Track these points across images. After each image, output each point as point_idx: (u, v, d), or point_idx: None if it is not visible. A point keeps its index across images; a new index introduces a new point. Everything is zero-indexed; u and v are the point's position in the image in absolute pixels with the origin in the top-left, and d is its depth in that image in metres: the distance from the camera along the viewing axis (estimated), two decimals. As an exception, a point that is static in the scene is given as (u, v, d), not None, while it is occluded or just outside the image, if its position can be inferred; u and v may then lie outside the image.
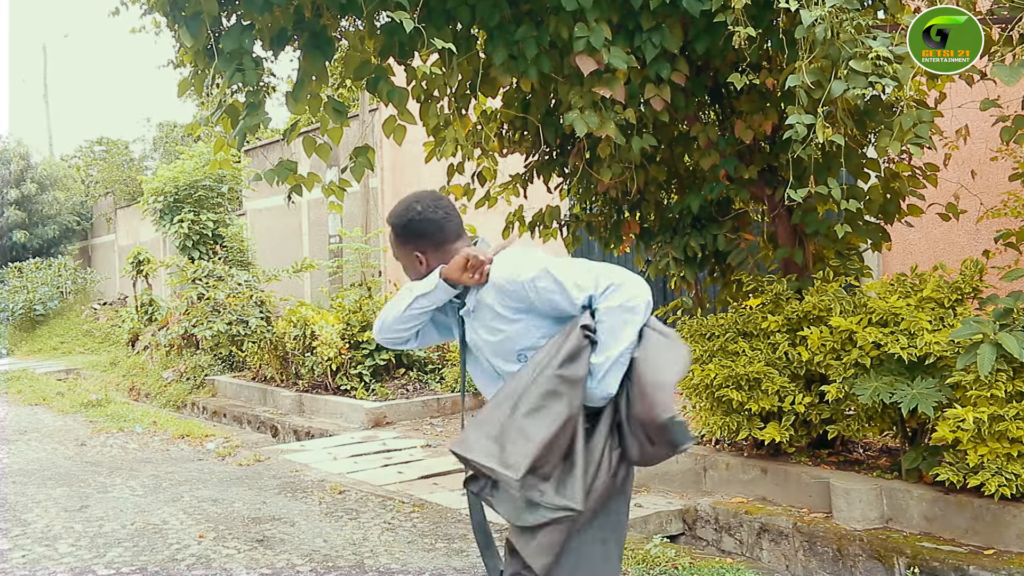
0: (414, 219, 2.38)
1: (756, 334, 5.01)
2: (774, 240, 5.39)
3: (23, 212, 22.71)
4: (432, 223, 2.36)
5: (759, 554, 4.68)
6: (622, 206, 5.99)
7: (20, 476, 6.51)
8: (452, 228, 2.39)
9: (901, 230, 5.76)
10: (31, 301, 19.42)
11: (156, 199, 13.96)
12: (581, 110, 4.40)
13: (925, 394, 4.13)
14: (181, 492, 5.89)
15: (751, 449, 5.22)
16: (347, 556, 4.48)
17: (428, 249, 2.37)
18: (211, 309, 10.95)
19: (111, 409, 9.69)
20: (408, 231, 2.39)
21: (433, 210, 2.37)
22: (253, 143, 15.59)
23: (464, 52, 4.99)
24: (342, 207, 5.69)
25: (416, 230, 2.37)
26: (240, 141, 4.76)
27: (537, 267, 2.19)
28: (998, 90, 4.37)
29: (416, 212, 2.38)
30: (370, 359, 9.17)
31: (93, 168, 26.35)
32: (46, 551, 4.68)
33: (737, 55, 4.35)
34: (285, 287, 12.34)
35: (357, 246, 10.62)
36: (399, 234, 2.41)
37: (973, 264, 4.56)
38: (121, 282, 19.76)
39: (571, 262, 2.23)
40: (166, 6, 4.58)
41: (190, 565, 4.39)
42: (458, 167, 5.93)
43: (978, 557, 3.89)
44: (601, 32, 4.15)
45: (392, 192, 12.96)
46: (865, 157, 5.16)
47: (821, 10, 3.70)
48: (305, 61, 4.80)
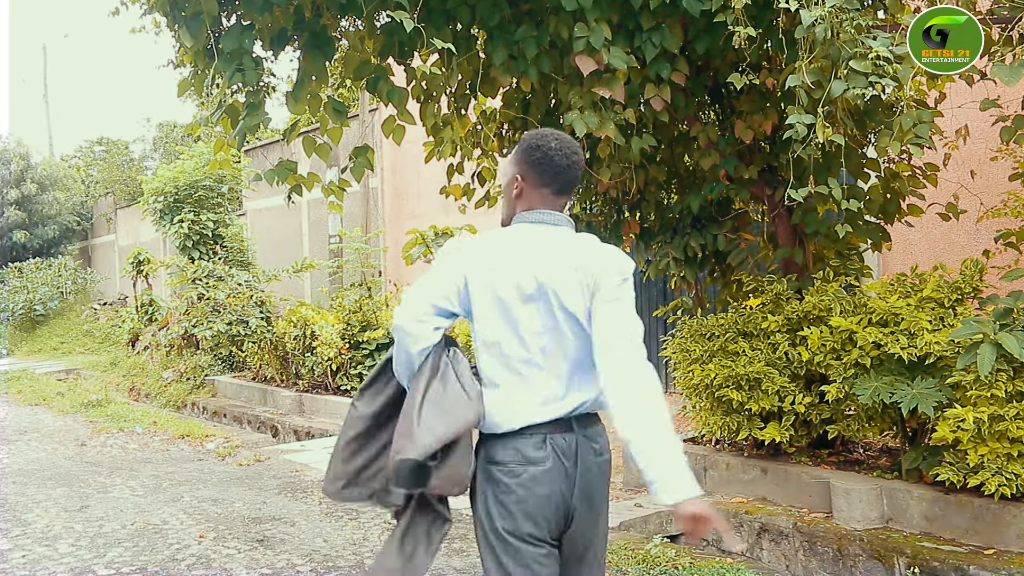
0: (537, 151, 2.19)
1: (756, 334, 5.01)
2: (774, 240, 5.39)
3: (23, 212, 22.72)
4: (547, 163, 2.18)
5: (759, 554, 4.68)
6: (622, 206, 5.99)
7: (20, 476, 6.51)
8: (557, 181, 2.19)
9: (901, 230, 5.76)
10: (31, 301, 19.43)
11: (156, 199, 13.96)
12: (581, 110, 4.40)
13: (925, 394, 4.13)
14: (181, 492, 5.89)
15: (751, 449, 5.22)
16: (347, 556, 4.48)
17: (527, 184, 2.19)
18: (211, 309, 10.96)
19: (111, 409, 9.70)
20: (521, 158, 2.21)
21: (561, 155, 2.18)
22: (253, 143, 15.59)
23: (464, 52, 4.99)
24: (342, 207, 5.69)
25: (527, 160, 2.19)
26: (240, 141, 4.76)
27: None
28: (998, 90, 4.37)
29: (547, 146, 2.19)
30: (370, 359, 9.17)
31: (93, 168, 26.37)
32: (46, 551, 4.68)
33: (737, 55, 4.35)
34: (285, 287, 12.35)
35: (357, 246, 10.62)
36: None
37: (973, 264, 4.56)
38: (121, 282, 19.76)
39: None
40: (166, 6, 4.58)
41: (190, 565, 4.40)
42: (457, 167, 5.93)
43: (978, 557, 3.89)
44: (601, 32, 4.15)
45: (392, 192, 12.96)
46: (865, 157, 5.16)
47: (821, 10, 3.70)
48: (305, 61, 4.80)
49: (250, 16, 4.59)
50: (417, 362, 2.09)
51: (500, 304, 2.09)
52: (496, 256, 2.12)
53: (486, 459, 2.12)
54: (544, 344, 2.10)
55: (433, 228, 8.97)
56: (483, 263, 2.10)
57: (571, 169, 2.19)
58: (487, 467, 2.11)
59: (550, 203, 2.19)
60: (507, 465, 2.08)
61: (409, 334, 2.06)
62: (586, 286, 2.11)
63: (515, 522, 2.07)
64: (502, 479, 2.08)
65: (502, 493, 2.08)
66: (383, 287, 11.45)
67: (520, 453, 2.07)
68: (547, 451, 2.07)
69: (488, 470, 2.11)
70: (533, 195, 2.19)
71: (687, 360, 5.19)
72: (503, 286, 2.09)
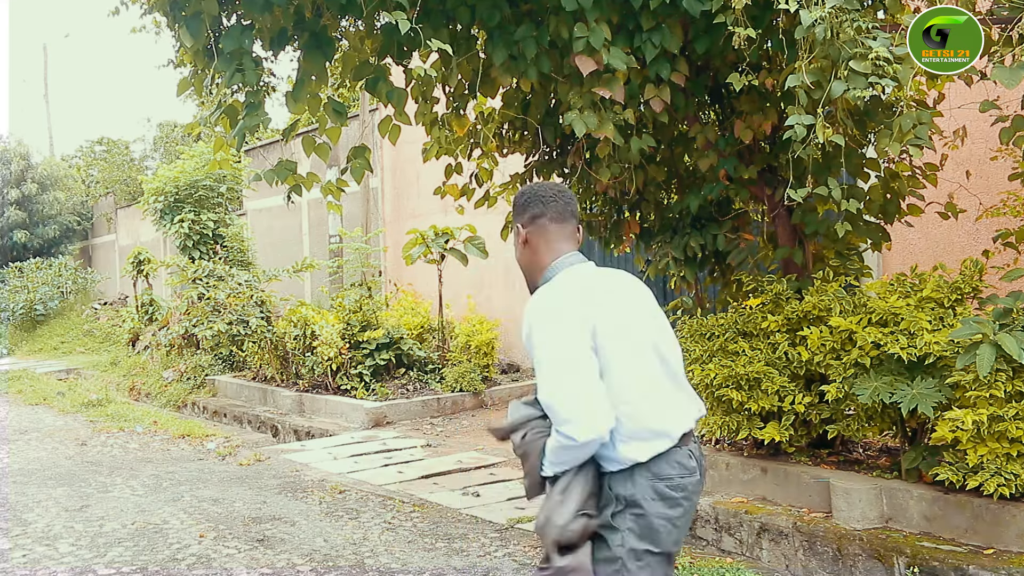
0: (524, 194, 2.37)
1: (756, 334, 5.01)
2: (774, 240, 5.40)
3: (24, 212, 22.73)
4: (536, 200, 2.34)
5: (759, 554, 4.68)
6: (622, 206, 6.00)
7: (21, 476, 6.52)
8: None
9: (901, 230, 5.76)
10: (32, 301, 19.43)
11: (156, 199, 13.97)
12: (580, 110, 4.40)
13: (925, 394, 4.13)
14: (181, 492, 5.89)
15: (751, 449, 5.22)
16: (347, 556, 4.48)
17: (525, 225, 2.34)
18: (211, 309, 10.96)
19: (112, 409, 9.71)
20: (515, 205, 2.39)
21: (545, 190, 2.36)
22: (253, 143, 15.60)
23: (464, 52, 4.99)
24: (341, 207, 5.69)
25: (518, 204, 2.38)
26: (239, 141, 4.76)
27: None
28: (997, 90, 4.38)
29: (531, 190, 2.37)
30: (370, 359, 9.17)
31: (93, 168, 26.38)
32: (47, 551, 4.68)
33: (737, 55, 4.35)
34: (285, 287, 12.35)
35: (357, 246, 10.62)
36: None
37: (973, 264, 4.56)
38: (121, 282, 19.78)
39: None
40: (166, 6, 4.58)
41: (190, 565, 4.40)
42: (456, 167, 5.94)
43: (978, 557, 3.89)
44: (601, 32, 4.15)
45: (392, 192, 12.97)
46: (865, 157, 5.16)
47: (821, 11, 3.70)
48: (305, 61, 4.80)
49: (250, 16, 4.60)
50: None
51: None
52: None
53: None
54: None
55: (433, 228, 8.98)
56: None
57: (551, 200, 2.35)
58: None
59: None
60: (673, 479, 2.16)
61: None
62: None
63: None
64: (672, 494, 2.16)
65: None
66: (383, 287, 11.46)
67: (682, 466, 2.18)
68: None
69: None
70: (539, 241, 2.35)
71: (687, 360, 5.19)
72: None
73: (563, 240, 2.29)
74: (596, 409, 2.04)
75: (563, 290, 2.19)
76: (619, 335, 2.13)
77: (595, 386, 2.06)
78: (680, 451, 2.15)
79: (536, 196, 2.31)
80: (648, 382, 2.16)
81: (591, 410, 2.04)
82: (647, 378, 2.16)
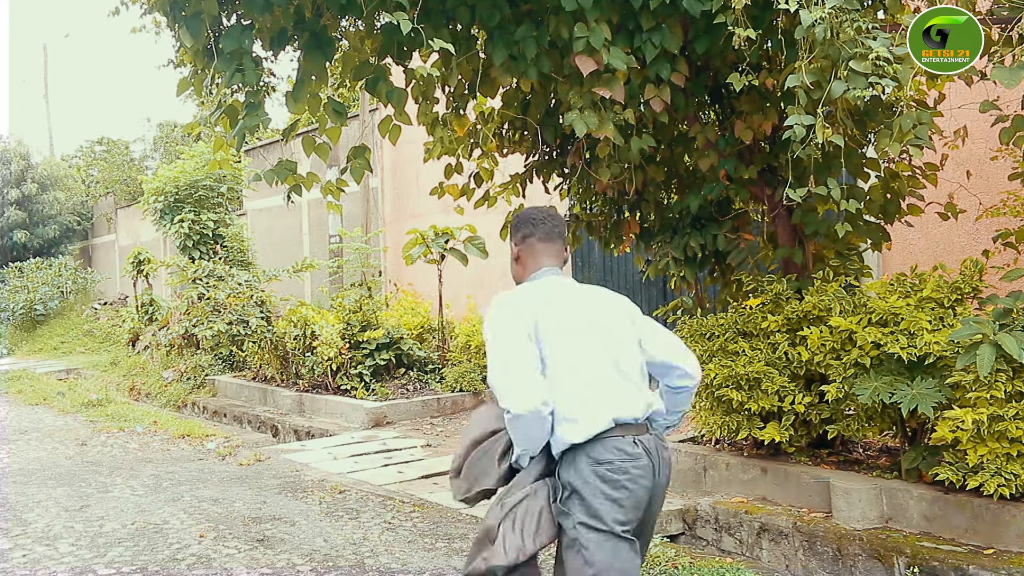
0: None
1: (756, 334, 5.01)
2: (774, 240, 5.40)
3: (24, 212, 22.73)
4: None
5: (759, 554, 4.68)
6: (622, 206, 6.00)
7: (21, 476, 6.52)
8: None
9: (901, 230, 5.76)
10: (32, 301, 19.43)
11: (156, 199, 13.97)
12: (580, 110, 4.40)
13: (925, 394, 4.13)
14: (181, 492, 5.89)
15: (751, 449, 5.22)
16: (347, 556, 4.48)
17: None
18: (211, 309, 10.95)
19: (112, 409, 9.70)
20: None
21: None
22: (253, 143, 15.61)
23: (464, 52, 4.99)
24: (341, 207, 5.69)
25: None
26: (239, 141, 4.76)
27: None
28: (997, 90, 4.38)
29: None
30: (370, 359, 9.17)
31: (94, 168, 26.37)
32: (47, 551, 4.68)
33: (737, 55, 4.35)
34: (285, 287, 12.35)
35: (357, 246, 10.62)
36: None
37: (973, 264, 4.56)
38: (121, 282, 19.77)
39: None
40: (166, 6, 4.58)
41: (190, 565, 4.40)
42: (456, 167, 5.94)
43: (978, 557, 3.89)
44: (601, 32, 4.15)
45: (392, 192, 12.97)
46: (865, 157, 5.16)
47: (821, 11, 3.70)
48: (305, 61, 4.80)
49: (250, 16, 4.59)
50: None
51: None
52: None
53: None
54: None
55: (433, 228, 8.98)
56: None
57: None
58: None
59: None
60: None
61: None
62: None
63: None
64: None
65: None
66: (383, 287, 11.46)
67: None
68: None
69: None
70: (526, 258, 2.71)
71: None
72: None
73: (548, 256, 2.62)
74: (529, 386, 2.31)
75: (520, 293, 2.51)
76: (560, 331, 2.41)
77: (529, 368, 2.34)
78: (621, 438, 2.36)
79: (528, 218, 2.66)
80: (587, 373, 2.40)
81: (524, 386, 2.30)
82: (586, 370, 2.40)
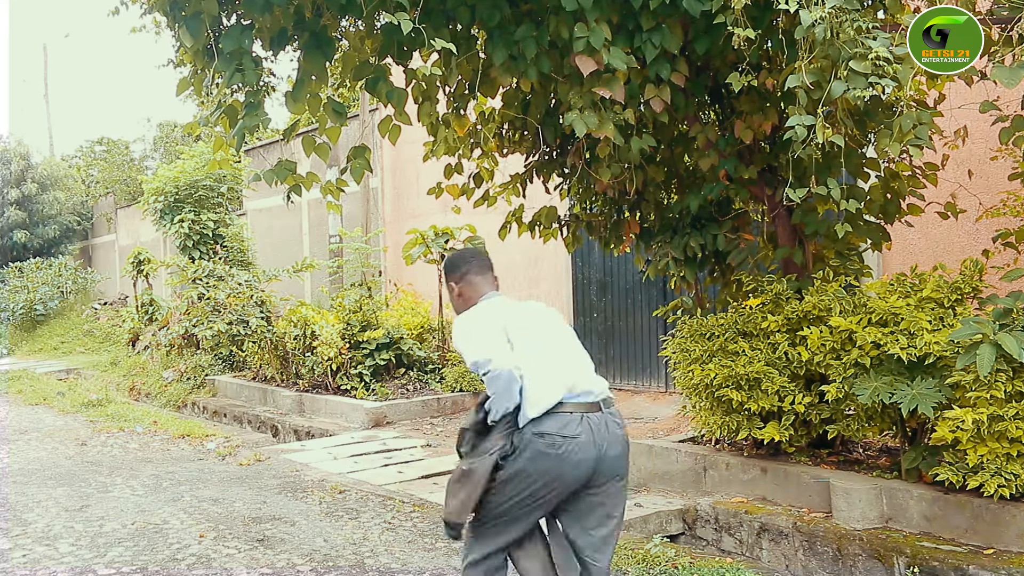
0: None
1: (756, 334, 5.01)
2: (774, 240, 5.40)
3: (24, 212, 22.72)
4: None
5: (759, 554, 4.68)
6: (622, 206, 5.99)
7: (21, 476, 6.52)
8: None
9: (901, 230, 5.76)
10: (31, 301, 19.43)
11: (156, 199, 13.96)
12: (581, 110, 4.40)
13: (925, 394, 4.13)
14: (181, 492, 5.89)
15: (751, 449, 5.22)
16: (347, 556, 4.48)
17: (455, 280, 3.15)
18: (211, 309, 10.95)
19: (112, 409, 9.70)
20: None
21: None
22: (253, 143, 15.60)
23: (464, 52, 4.99)
24: (341, 207, 5.69)
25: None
26: (239, 141, 4.75)
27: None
28: (997, 90, 4.37)
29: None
30: (370, 359, 9.17)
31: (94, 168, 26.36)
32: (47, 551, 4.68)
33: (737, 55, 4.35)
34: (285, 287, 12.35)
35: (357, 246, 10.62)
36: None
37: (973, 264, 4.56)
38: (121, 282, 19.77)
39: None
40: (166, 6, 4.58)
41: (190, 565, 4.40)
42: (456, 167, 5.93)
43: (978, 557, 3.89)
44: (601, 32, 4.15)
45: (392, 192, 12.97)
46: (865, 157, 5.16)
47: (821, 11, 3.70)
48: (305, 61, 4.80)
49: (250, 16, 4.59)
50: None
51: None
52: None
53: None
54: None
55: (433, 228, 8.98)
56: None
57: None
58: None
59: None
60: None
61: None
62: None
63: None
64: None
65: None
66: (383, 287, 11.45)
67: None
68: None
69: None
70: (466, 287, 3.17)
71: (687, 360, 5.19)
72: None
73: (485, 285, 3.09)
74: (505, 353, 2.76)
75: (481, 308, 2.99)
76: (522, 330, 2.88)
77: (504, 344, 2.79)
78: (567, 416, 2.76)
79: (460, 259, 3.15)
80: (541, 362, 2.82)
81: (502, 353, 2.75)
82: (541, 359, 2.83)
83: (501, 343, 2.77)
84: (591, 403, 2.81)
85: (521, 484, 2.75)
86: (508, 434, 2.78)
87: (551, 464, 2.71)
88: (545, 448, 2.71)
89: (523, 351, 2.80)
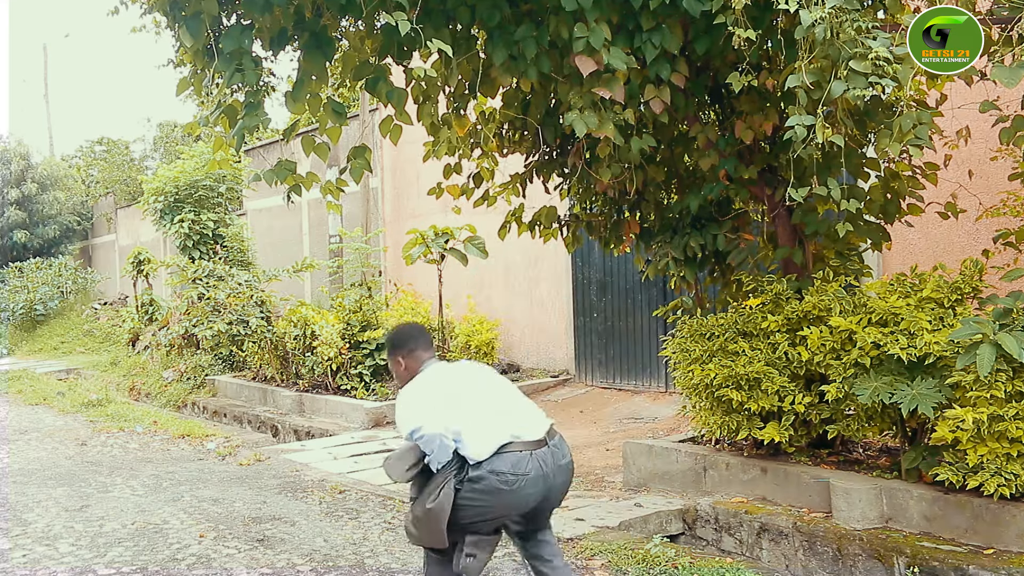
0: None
1: (756, 334, 5.01)
2: (774, 240, 5.39)
3: (24, 212, 22.71)
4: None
5: (759, 554, 4.68)
6: (622, 206, 5.99)
7: (21, 476, 6.52)
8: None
9: (901, 230, 5.76)
10: (31, 301, 19.42)
11: (156, 199, 13.96)
12: (581, 110, 4.40)
13: (925, 394, 4.13)
14: (181, 492, 5.89)
15: (751, 449, 5.22)
16: (347, 556, 4.48)
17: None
18: (211, 309, 10.96)
19: (112, 409, 9.70)
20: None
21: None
22: (253, 143, 15.59)
23: (464, 52, 4.99)
24: (341, 207, 5.69)
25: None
26: (239, 141, 4.75)
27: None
28: (998, 90, 4.37)
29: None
30: (370, 359, 9.17)
31: (94, 168, 26.34)
32: (47, 551, 4.68)
33: (737, 56, 4.35)
34: (285, 287, 12.35)
35: (357, 246, 10.62)
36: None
37: (973, 264, 4.56)
38: (121, 282, 19.77)
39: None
40: (166, 6, 4.58)
41: (190, 565, 4.40)
42: (455, 167, 5.93)
43: (978, 557, 3.89)
44: (601, 32, 4.15)
45: (392, 192, 12.97)
46: (865, 157, 5.16)
47: (821, 11, 3.70)
48: (305, 61, 4.80)
49: (250, 16, 4.59)
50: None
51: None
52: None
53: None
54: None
55: (433, 228, 8.98)
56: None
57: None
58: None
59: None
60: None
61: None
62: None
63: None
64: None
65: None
66: (383, 287, 11.45)
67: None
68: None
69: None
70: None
71: (687, 360, 5.19)
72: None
73: (425, 354, 3.40)
74: (433, 419, 3.07)
75: (423, 378, 3.30)
76: (461, 389, 3.25)
77: (437, 409, 3.10)
78: (518, 455, 3.09)
79: (408, 336, 3.46)
80: (482, 413, 3.17)
81: (429, 419, 3.06)
82: (481, 411, 3.19)
83: (434, 409, 3.11)
84: (536, 440, 3.15)
85: (474, 511, 3.09)
86: (456, 471, 3.10)
87: (504, 498, 3.07)
88: (499, 484, 3.05)
89: (465, 407, 3.16)
